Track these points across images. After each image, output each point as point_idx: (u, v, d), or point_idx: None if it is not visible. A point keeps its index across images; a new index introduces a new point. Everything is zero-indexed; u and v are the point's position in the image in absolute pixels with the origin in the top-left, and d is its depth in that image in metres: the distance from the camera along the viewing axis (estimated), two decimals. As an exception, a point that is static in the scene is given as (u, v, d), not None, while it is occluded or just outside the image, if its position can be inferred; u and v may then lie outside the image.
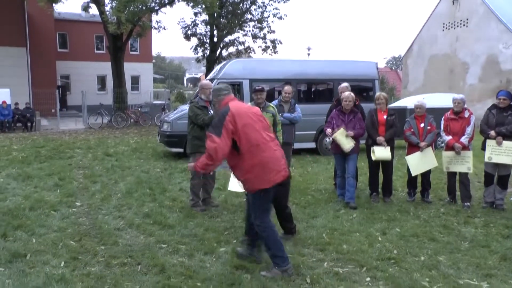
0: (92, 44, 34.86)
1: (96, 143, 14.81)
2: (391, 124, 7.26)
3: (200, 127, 6.64)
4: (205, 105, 6.77)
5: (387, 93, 31.75)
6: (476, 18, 22.56)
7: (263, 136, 4.31)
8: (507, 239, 5.50)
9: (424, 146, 7.13)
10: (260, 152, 4.22)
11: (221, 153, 4.14)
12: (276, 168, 4.27)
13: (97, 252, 4.87)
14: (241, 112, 4.29)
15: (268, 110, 7.01)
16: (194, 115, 6.68)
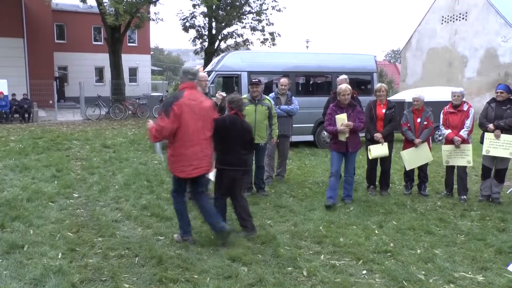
0: (90, 36, 34.68)
1: (94, 134, 14.79)
2: (390, 118, 7.23)
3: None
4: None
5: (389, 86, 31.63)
6: (475, 12, 22.51)
7: (199, 133, 4.73)
8: (503, 232, 5.53)
9: (418, 143, 7.14)
10: (187, 146, 4.68)
11: (166, 132, 4.62)
12: (191, 165, 4.74)
13: (95, 243, 4.89)
14: (191, 104, 4.68)
15: (263, 103, 7.05)
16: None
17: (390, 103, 7.37)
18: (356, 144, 6.68)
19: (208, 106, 4.89)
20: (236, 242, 4.97)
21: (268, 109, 7.11)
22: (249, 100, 7.11)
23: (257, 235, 5.23)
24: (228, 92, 12.09)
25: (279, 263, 4.45)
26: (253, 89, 7.05)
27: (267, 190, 7.40)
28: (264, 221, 5.85)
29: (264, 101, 7.12)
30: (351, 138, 6.55)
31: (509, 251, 4.84)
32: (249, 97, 7.15)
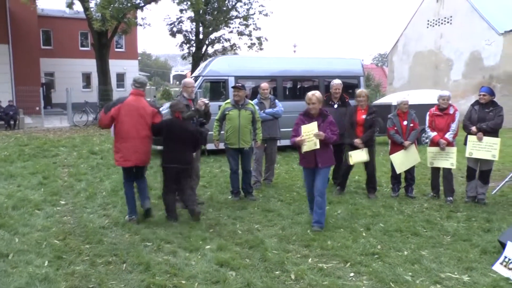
0: (77, 41, 34.45)
1: (81, 141, 14.69)
2: (370, 124, 7.28)
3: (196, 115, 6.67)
4: (187, 103, 6.79)
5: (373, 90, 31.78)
6: (460, 16, 22.81)
7: (133, 132, 5.74)
8: (488, 233, 5.59)
9: (408, 145, 7.23)
10: (123, 140, 5.76)
11: (101, 123, 5.97)
12: (125, 157, 5.78)
13: (82, 251, 4.85)
14: (130, 107, 5.77)
15: (247, 107, 7.11)
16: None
17: (370, 109, 7.39)
18: (327, 159, 5.78)
19: (148, 112, 5.85)
20: (224, 246, 4.99)
21: (252, 113, 7.16)
22: (232, 105, 7.14)
23: (245, 239, 5.25)
24: (216, 97, 12.17)
25: (267, 267, 4.46)
26: (235, 93, 7.09)
27: (255, 195, 7.42)
28: (252, 226, 5.86)
29: (247, 106, 7.17)
30: (321, 152, 5.65)
31: (493, 251, 4.89)
32: (232, 101, 7.18)
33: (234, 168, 7.24)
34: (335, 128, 5.77)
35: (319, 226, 5.64)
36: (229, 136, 7.10)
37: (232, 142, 7.08)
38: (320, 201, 5.68)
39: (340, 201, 7.09)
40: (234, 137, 7.04)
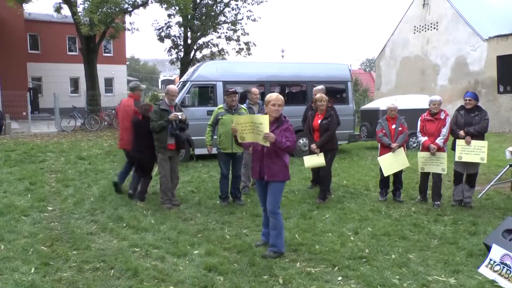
0: (65, 46, 34.24)
1: (69, 146, 14.56)
2: (325, 128, 7.33)
3: (159, 131, 6.83)
4: (167, 108, 6.90)
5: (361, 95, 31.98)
6: (445, 22, 23.09)
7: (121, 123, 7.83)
8: (474, 236, 5.67)
9: (395, 147, 7.29)
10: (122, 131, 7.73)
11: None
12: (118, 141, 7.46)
13: (69, 257, 4.81)
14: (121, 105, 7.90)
15: (240, 112, 7.13)
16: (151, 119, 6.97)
17: (327, 113, 7.43)
18: (277, 172, 4.90)
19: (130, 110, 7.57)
20: (212, 251, 5.00)
21: None
22: (225, 109, 7.16)
23: (233, 243, 5.24)
24: (204, 102, 12.16)
25: (255, 272, 4.47)
26: (231, 98, 7.12)
27: (243, 199, 7.42)
28: (241, 230, 5.86)
29: (240, 111, 7.20)
30: (270, 162, 4.89)
31: (479, 253, 4.96)
32: (226, 106, 7.20)
33: (225, 173, 7.25)
34: (293, 136, 4.92)
35: (273, 250, 4.89)
36: (222, 141, 7.12)
37: (225, 146, 7.11)
38: (274, 222, 4.93)
39: (328, 206, 7.12)
40: (227, 142, 7.06)
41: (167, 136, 6.85)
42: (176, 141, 6.94)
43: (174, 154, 7.13)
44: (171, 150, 6.98)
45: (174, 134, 6.85)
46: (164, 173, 6.99)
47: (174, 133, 6.86)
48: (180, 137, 6.95)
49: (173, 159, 7.13)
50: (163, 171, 6.99)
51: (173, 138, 6.88)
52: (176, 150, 7.10)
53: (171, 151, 6.99)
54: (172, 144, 6.92)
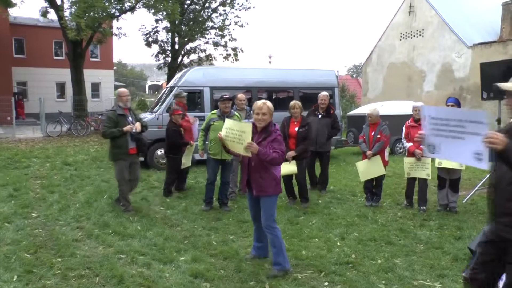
0: (51, 50, 33.89)
1: (55, 152, 14.40)
2: (303, 136, 7.34)
3: (119, 136, 6.77)
4: (123, 113, 6.86)
5: (348, 101, 32.10)
6: (431, 29, 23.38)
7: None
8: (459, 240, 5.73)
9: (369, 155, 7.39)
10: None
11: None
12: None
13: (54, 264, 4.75)
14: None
15: (232, 119, 7.12)
16: (103, 124, 6.97)
17: (304, 121, 7.47)
18: (265, 186, 4.54)
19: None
20: (198, 258, 4.98)
21: None
22: (218, 115, 7.17)
23: (219, 250, 5.23)
24: (191, 107, 12.10)
25: (242, 278, 4.46)
26: (225, 105, 7.14)
27: (230, 205, 7.41)
28: (227, 236, 5.85)
29: (233, 118, 7.20)
30: (255, 176, 4.56)
31: (464, 258, 5.02)
32: (219, 112, 7.21)
33: (212, 178, 7.25)
34: (282, 147, 4.52)
35: (277, 269, 4.57)
36: (212, 147, 7.12)
37: (215, 152, 7.10)
38: (271, 237, 4.63)
39: (315, 211, 7.14)
40: (217, 148, 7.06)
41: (127, 141, 6.79)
42: (137, 145, 6.89)
43: (135, 158, 7.07)
44: (131, 155, 6.92)
45: (137, 138, 6.83)
46: (123, 180, 6.94)
47: (137, 137, 6.83)
48: (141, 140, 6.94)
49: (134, 164, 7.07)
50: (122, 178, 6.93)
51: (134, 142, 6.84)
52: (137, 154, 7.05)
53: (131, 155, 6.92)
54: (133, 148, 6.86)
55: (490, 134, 2.55)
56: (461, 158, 2.87)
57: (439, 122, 2.95)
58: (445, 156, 3.03)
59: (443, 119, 2.92)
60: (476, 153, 2.69)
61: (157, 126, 11.35)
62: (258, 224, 4.83)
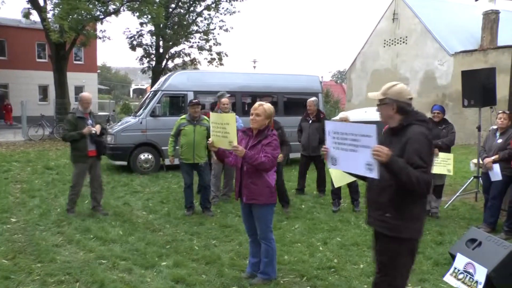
0: (34, 52, 33.49)
1: (36, 155, 14.20)
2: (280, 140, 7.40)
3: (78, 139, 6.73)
4: (82, 115, 6.82)
5: (332, 106, 32.28)
6: (414, 36, 23.73)
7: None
8: (440, 245, 5.79)
9: None
10: None
11: None
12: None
13: (33, 270, 4.68)
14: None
15: (202, 123, 7.15)
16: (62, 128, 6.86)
17: (276, 124, 7.51)
18: (257, 193, 4.28)
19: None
20: (180, 263, 4.94)
21: (207, 129, 7.18)
22: (188, 120, 7.16)
23: (202, 255, 5.20)
24: (175, 111, 12.07)
25: (223, 283, 4.44)
26: (194, 109, 7.14)
27: (213, 210, 7.38)
28: (209, 241, 5.82)
29: (203, 122, 7.21)
30: (247, 181, 4.30)
31: (444, 262, 5.08)
32: (188, 117, 7.20)
33: (188, 182, 7.24)
34: (275, 152, 4.25)
35: (263, 278, 4.46)
36: (184, 152, 7.10)
37: (187, 157, 7.09)
38: (266, 248, 4.44)
39: (297, 216, 7.16)
40: (189, 153, 7.05)
41: (86, 144, 6.75)
42: (97, 147, 6.85)
43: (95, 161, 7.01)
44: (91, 157, 6.87)
45: (96, 140, 6.78)
46: (77, 184, 6.92)
47: (97, 140, 6.79)
48: (101, 142, 6.90)
49: (94, 166, 7.02)
50: (77, 183, 6.91)
51: (94, 144, 6.79)
52: (97, 156, 6.99)
53: (91, 158, 6.88)
54: (93, 150, 6.82)
55: (377, 147, 2.79)
56: (356, 169, 3.03)
57: (339, 137, 3.13)
58: (343, 168, 3.21)
59: (341, 133, 3.11)
60: (368, 164, 2.89)
61: (141, 130, 11.27)
62: (253, 237, 4.56)
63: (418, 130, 2.98)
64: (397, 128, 3.08)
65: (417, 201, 3.02)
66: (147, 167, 11.20)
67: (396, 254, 3.05)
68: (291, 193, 8.66)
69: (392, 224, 3.00)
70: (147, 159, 11.24)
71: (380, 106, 3.16)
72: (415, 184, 2.80)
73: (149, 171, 11.09)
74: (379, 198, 3.06)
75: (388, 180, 2.91)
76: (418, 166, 2.85)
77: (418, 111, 3.17)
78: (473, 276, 4.47)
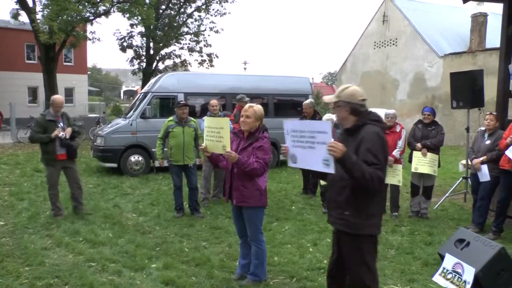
0: (23, 54, 33.19)
1: (25, 158, 14.07)
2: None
3: (47, 142, 6.68)
4: (53, 118, 6.77)
5: (323, 108, 32.55)
6: (404, 38, 23.88)
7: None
8: (429, 245, 5.84)
9: None
10: None
11: None
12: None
13: (21, 273, 4.64)
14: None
15: (190, 124, 7.18)
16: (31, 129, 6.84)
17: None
18: (247, 196, 4.26)
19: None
20: (170, 265, 4.93)
21: (195, 130, 7.24)
22: (176, 122, 7.16)
23: (191, 256, 5.19)
24: (165, 113, 12.04)
25: (213, 285, 4.44)
26: (182, 111, 7.14)
27: (203, 212, 7.38)
28: (199, 243, 5.82)
29: (190, 123, 7.24)
30: (237, 184, 4.28)
31: (434, 262, 5.12)
32: (176, 119, 7.19)
33: (178, 184, 7.23)
34: (266, 157, 4.21)
35: (252, 279, 4.46)
36: (173, 153, 7.09)
37: (177, 159, 7.08)
38: (256, 250, 4.43)
39: (288, 218, 7.17)
40: (178, 154, 7.04)
41: (55, 147, 6.69)
42: (67, 151, 6.79)
43: (69, 163, 6.96)
44: (63, 161, 6.82)
45: (65, 144, 6.72)
46: (52, 186, 6.88)
47: (67, 143, 6.73)
48: (71, 146, 6.83)
49: (70, 168, 6.98)
50: (52, 184, 6.87)
51: (63, 148, 6.74)
52: (69, 160, 6.92)
53: (63, 161, 6.82)
54: (62, 154, 6.77)
55: (332, 143, 2.90)
56: (314, 166, 3.10)
57: (297, 135, 3.21)
58: (303, 165, 3.28)
59: (299, 131, 3.20)
60: (325, 160, 2.97)
61: (131, 132, 11.23)
62: (244, 239, 4.55)
63: (371, 130, 3.09)
64: (352, 129, 3.19)
65: (374, 198, 3.13)
66: (137, 169, 11.15)
67: (361, 252, 3.15)
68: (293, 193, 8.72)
69: (351, 222, 3.11)
70: (137, 161, 11.19)
71: (335, 109, 3.28)
72: (368, 180, 2.90)
73: (139, 173, 11.05)
74: (338, 197, 3.16)
75: (346, 180, 3.03)
76: (371, 163, 2.96)
77: (371, 111, 3.27)
78: (461, 276, 4.51)
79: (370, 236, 3.16)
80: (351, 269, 3.25)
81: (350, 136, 3.19)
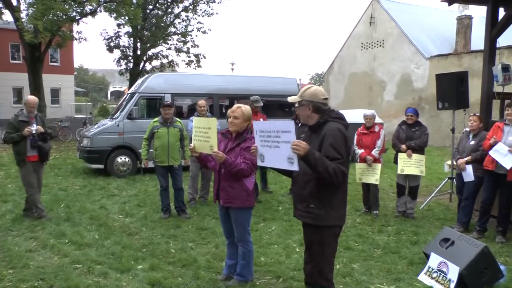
0: (7, 53, 32.78)
1: (10, 159, 13.83)
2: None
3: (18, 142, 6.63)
4: (26, 119, 6.72)
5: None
6: (391, 40, 24.07)
7: None
8: (415, 245, 5.89)
9: None
10: None
11: None
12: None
13: (4, 276, 4.58)
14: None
15: (175, 125, 7.17)
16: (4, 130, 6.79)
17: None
18: (233, 197, 4.26)
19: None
20: (156, 266, 4.91)
21: (180, 131, 7.23)
22: (161, 123, 7.14)
23: (178, 257, 5.17)
24: (152, 114, 12.01)
25: (200, 285, 4.43)
26: (166, 111, 7.12)
27: (190, 213, 7.36)
28: (186, 244, 5.80)
29: (175, 124, 7.22)
30: (224, 184, 4.28)
31: (419, 262, 5.17)
32: (161, 119, 7.17)
33: (164, 185, 7.21)
34: (252, 158, 3.98)
35: (239, 280, 4.46)
36: (158, 154, 7.07)
37: (162, 160, 7.06)
38: (243, 251, 4.41)
39: (274, 218, 7.18)
40: (163, 155, 7.02)
41: (25, 148, 6.64)
42: (39, 153, 6.75)
43: (38, 165, 6.92)
44: (33, 162, 6.77)
45: (36, 146, 6.67)
46: (29, 186, 6.82)
47: (36, 145, 6.67)
48: (43, 148, 6.77)
49: (37, 171, 6.93)
50: (28, 184, 6.81)
51: (35, 149, 6.69)
52: (40, 161, 6.89)
53: (33, 163, 6.77)
54: (34, 155, 6.72)
55: (295, 142, 3.02)
56: (280, 164, 3.22)
57: (265, 135, 3.33)
58: (270, 164, 3.40)
59: (266, 131, 3.31)
60: (289, 158, 3.09)
61: (117, 133, 11.15)
62: (231, 240, 4.53)
63: (333, 126, 3.24)
64: (315, 126, 3.34)
65: (337, 191, 3.29)
66: (124, 170, 11.08)
67: (322, 242, 3.33)
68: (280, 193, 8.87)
69: (316, 214, 3.27)
70: (124, 162, 11.12)
71: (299, 108, 3.42)
72: (332, 174, 3.05)
73: (126, 174, 10.97)
74: (303, 192, 3.31)
75: (310, 174, 3.19)
76: (334, 158, 3.10)
77: (334, 109, 3.44)
78: (446, 274, 4.56)
79: (334, 227, 3.34)
80: (312, 260, 3.41)
81: (313, 133, 3.34)
